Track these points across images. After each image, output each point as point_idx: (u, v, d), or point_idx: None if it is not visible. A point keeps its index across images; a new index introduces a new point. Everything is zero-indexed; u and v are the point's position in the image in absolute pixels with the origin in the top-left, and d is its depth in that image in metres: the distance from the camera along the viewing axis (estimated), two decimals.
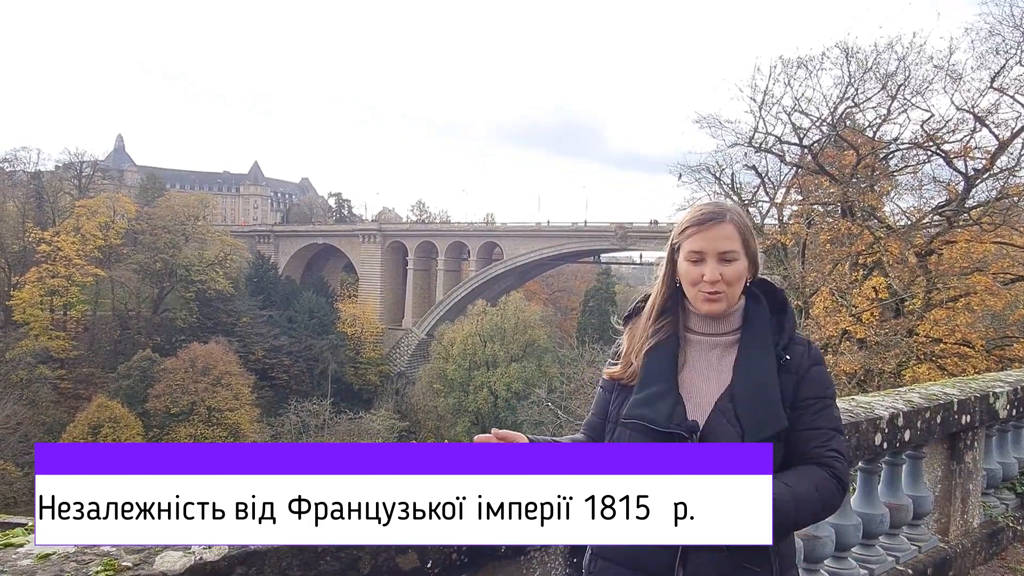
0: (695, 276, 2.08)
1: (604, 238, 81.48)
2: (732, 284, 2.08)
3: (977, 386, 5.32)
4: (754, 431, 1.98)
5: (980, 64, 18.26)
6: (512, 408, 60.06)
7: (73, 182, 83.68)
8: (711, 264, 2.06)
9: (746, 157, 21.93)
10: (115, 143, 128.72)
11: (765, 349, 2.09)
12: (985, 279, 16.74)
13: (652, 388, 2.09)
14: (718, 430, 1.99)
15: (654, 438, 2.03)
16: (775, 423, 2.02)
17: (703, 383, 2.09)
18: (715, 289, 2.06)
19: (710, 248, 2.06)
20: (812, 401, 2.09)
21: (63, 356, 67.32)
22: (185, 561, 1.68)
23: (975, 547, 5.09)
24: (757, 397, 2.02)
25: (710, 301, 2.08)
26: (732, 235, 2.07)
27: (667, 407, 2.04)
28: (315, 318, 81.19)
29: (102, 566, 1.59)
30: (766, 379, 2.05)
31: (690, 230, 2.10)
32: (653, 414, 2.04)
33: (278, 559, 1.81)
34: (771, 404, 2.03)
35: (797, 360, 2.11)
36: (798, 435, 2.07)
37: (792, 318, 2.19)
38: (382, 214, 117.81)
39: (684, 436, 1.99)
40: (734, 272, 2.07)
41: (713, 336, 2.14)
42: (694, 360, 2.13)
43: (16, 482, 47.94)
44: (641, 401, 2.09)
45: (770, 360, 2.08)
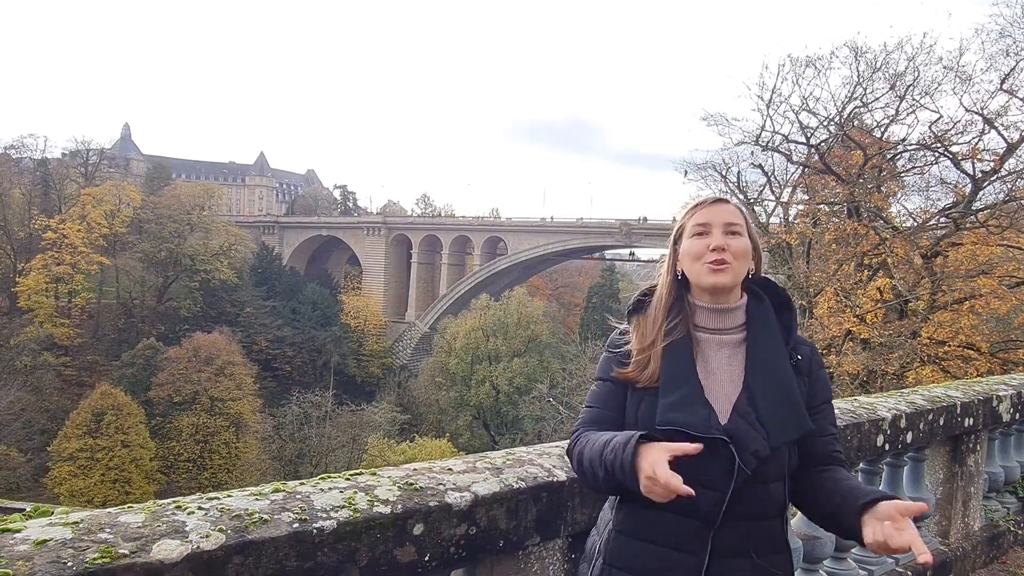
0: (700, 248, 2.06)
1: (609, 235, 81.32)
2: (738, 258, 2.05)
3: (980, 389, 5.30)
4: (778, 435, 1.96)
5: (990, 66, 18.16)
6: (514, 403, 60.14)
7: (79, 170, 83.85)
8: (717, 233, 2.05)
9: (752, 156, 21.87)
10: (121, 132, 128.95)
11: (777, 349, 2.06)
12: (991, 282, 16.66)
13: (680, 391, 2.00)
14: (743, 434, 1.94)
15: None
16: (798, 427, 1.99)
17: (718, 385, 2.03)
18: (721, 257, 2.02)
19: (715, 219, 2.07)
20: (824, 405, 2.10)
21: (67, 343, 67.62)
22: (182, 550, 1.67)
23: (976, 550, 5.07)
24: (778, 400, 1.99)
25: (716, 271, 2.03)
26: (735, 212, 2.10)
27: (702, 411, 1.97)
28: (318, 310, 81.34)
29: (99, 553, 1.58)
30: (785, 381, 2.02)
31: (695, 208, 2.12)
32: (689, 419, 1.95)
33: (275, 549, 1.81)
34: (794, 407, 2.00)
35: (807, 361, 2.10)
36: (819, 440, 2.07)
37: (795, 317, 2.18)
38: (387, 207, 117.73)
39: (726, 441, 1.92)
40: (740, 246, 2.05)
41: (719, 333, 2.10)
42: (706, 360, 2.07)
43: (19, 468, 48.19)
44: (674, 406, 1.98)
45: (785, 360, 2.05)
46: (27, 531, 1.63)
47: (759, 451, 1.93)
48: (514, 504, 2.34)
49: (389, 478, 2.25)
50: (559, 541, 2.58)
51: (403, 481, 2.23)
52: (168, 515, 1.80)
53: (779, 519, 2.04)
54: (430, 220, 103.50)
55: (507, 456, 2.64)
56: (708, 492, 1.93)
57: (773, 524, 2.02)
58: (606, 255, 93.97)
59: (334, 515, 1.95)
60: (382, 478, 2.24)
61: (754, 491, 1.95)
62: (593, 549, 2.16)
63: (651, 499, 1.84)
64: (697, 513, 1.94)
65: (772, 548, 2.00)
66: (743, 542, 1.95)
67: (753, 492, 1.95)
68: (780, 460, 1.99)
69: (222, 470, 54.82)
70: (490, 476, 2.38)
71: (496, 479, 2.37)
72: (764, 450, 1.93)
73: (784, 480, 2.02)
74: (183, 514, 1.81)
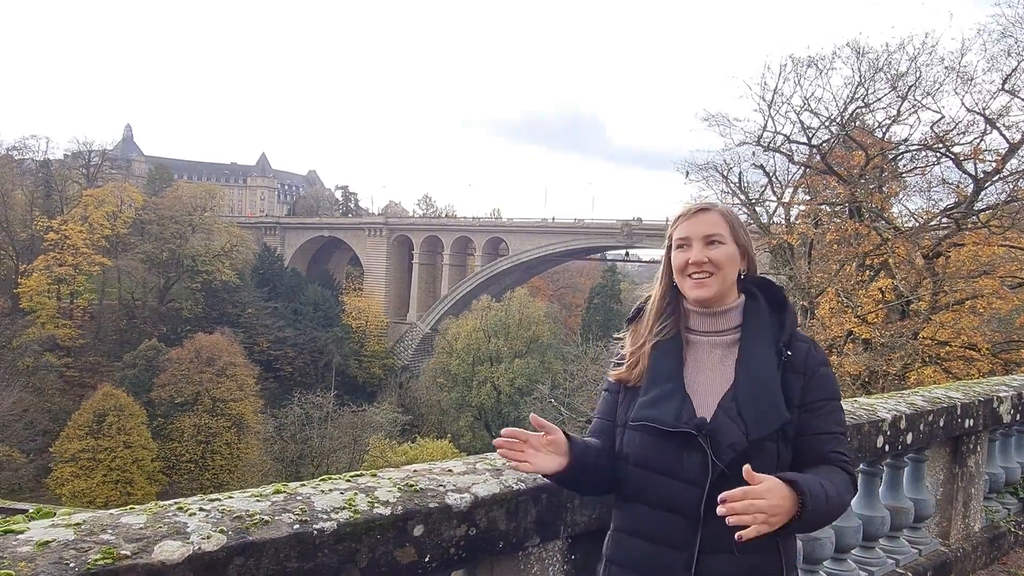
0: (681, 262, 2.11)
1: (610, 235, 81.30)
2: (721, 267, 2.08)
3: (981, 390, 5.29)
4: (757, 427, 1.97)
5: (992, 66, 18.12)
6: (515, 404, 60.19)
7: (81, 171, 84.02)
8: (696, 247, 2.09)
9: (754, 156, 21.83)
10: (123, 133, 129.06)
11: (766, 345, 2.08)
12: (992, 282, 16.64)
13: (659, 388, 2.07)
14: (723, 427, 1.97)
15: (664, 439, 2.01)
16: (776, 418, 2.00)
17: (707, 382, 2.07)
18: (701, 270, 2.07)
19: (695, 232, 2.10)
20: (823, 403, 2.08)
21: (69, 344, 67.69)
22: (184, 551, 1.68)
23: (976, 551, 5.07)
24: (758, 393, 2.01)
25: (698, 285, 2.08)
26: (717, 221, 2.12)
27: (674, 406, 2.02)
28: (320, 310, 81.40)
29: (101, 554, 1.59)
30: (766, 374, 2.04)
31: (677, 221, 2.16)
32: (660, 414, 2.02)
33: (276, 551, 1.82)
34: (772, 398, 2.01)
35: (801, 358, 2.09)
36: (812, 438, 2.06)
37: (793, 315, 2.18)
38: (388, 208, 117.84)
39: (693, 434, 1.97)
40: (722, 254, 2.08)
41: (713, 335, 2.13)
42: (698, 360, 2.11)
43: (21, 468, 48.25)
44: (648, 402, 2.06)
45: (770, 356, 2.07)
46: (30, 532, 1.64)
47: (735, 444, 1.95)
48: (514, 505, 2.35)
49: (389, 479, 2.26)
50: (559, 542, 2.59)
51: (403, 482, 2.24)
52: (170, 516, 1.81)
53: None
54: (431, 221, 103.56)
55: None
56: (689, 487, 1.97)
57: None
58: (607, 255, 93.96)
59: (335, 516, 1.96)
60: (382, 479, 2.25)
61: (738, 486, 1.90)
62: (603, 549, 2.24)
63: (638, 495, 1.95)
64: (680, 508, 1.98)
65: (757, 547, 1.89)
66: (729, 538, 1.88)
67: (737, 487, 1.91)
68: (766, 455, 1.98)
69: (224, 471, 54.88)
70: (490, 477, 2.39)
71: (496, 480, 2.37)
72: (741, 443, 1.95)
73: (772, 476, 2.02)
74: (184, 515, 1.82)
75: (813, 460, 2.05)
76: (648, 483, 2.04)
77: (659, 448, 2.03)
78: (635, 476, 2.08)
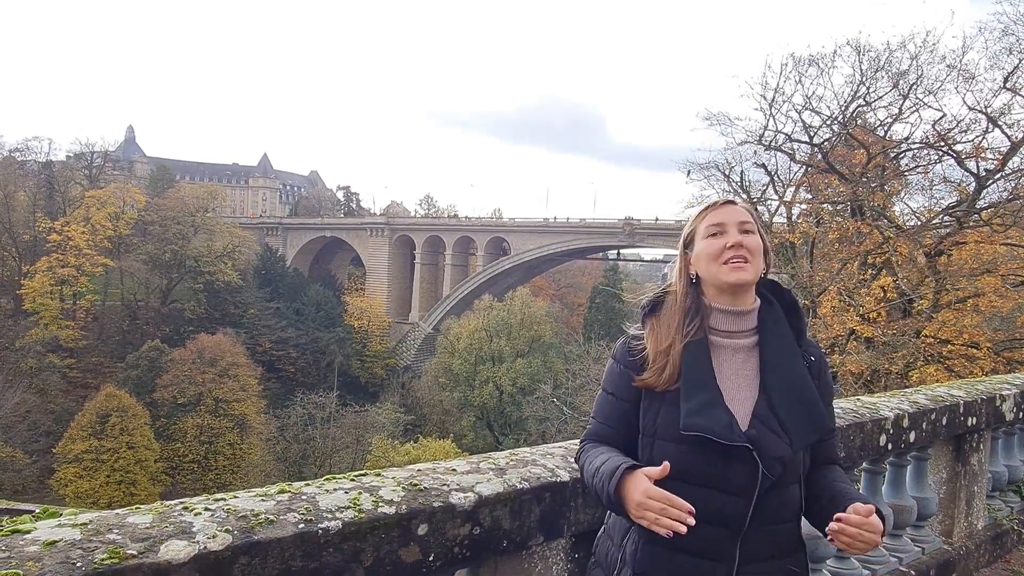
0: (717, 248, 2.06)
1: (612, 234, 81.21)
2: (755, 255, 2.06)
3: (984, 388, 5.29)
4: (800, 438, 1.96)
5: (993, 64, 18.07)
6: (517, 403, 60.12)
7: (84, 172, 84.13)
8: (733, 231, 2.06)
9: (756, 155, 21.80)
10: (126, 134, 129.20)
11: (792, 351, 2.06)
12: (994, 281, 16.61)
13: (700, 396, 1.96)
14: (766, 440, 1.93)
15: (710, 450, 1.93)
16: (820, 427, 2.00)
17: (735, 388, 2.01)
18: (739, 253, 2.03)
19: (730, 219, 2.09)
20: (830, 406, 2.13)
21: (72, 345, 67.79)
22: (190, 550, 1.69)
23: (979, 549, 5.06)
24: (797, 403, 1.99)
25: (737, 268, 2.02)
26: (746, 213, 2.13)
27: (723, 416, 1.93)
28: (322, 311, 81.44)
29: (107, 553, 1.60)
30: (801, 383, 2.02)
31: (707, 210, 2.14)
32: (712, 425, 1.92)
33: (281, 550, 1.82)
34: (813, 407, 2.00)
35: (818, 363, 2.11)
36: (827, 441, 2.11)
37: (804, 319, 2.19)
38: (390, 208, 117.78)
39: (748, 448, 1.91)
40: (755, 243, 2.06)
41: (734, 337, 2.08)
42: (723, 364, 2.05)
43: (24, 469, 48.31)
44: (696, 411, 1.94)
45: (800, 362, 2.05)
46: (37, 532, 1.65)
47: (783, 456, 1.94)
48: (517, 504, 2.35)
49: (393, 479, 2.26)
50: (562, 541, 2.59)
51: (407, 482, 2.24)
52: (175, 516, 1.82)
53: (798, 520, 2.07)
54: (433, 221, 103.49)
55: (510, 457, 2.65)
56: (733, 499, 1.93)
57: (793, 525, 2.05)
58: (609, 255, 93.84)
59: (339, 516, 1.97)
60: (386, 479, 2.26)
61: (776, 495, 1.96)
62: (612, 557, 2.12)
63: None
64: (724, 520, 1.94)
65: (793, 548, 2.04)
66: (768, 546, 1.98)
67: (775, 496, 1.96)
68: (798, 463, 2.01)
69: (227, 471, 54.91)
70: (493, 477, 2.39)
71: (499, 479, 2.38)
72: (788, 455, 1.95)
73: (800, 482, 2.04)
74: (190, 515, 1.83)
75: (823, 461, 2.10)
76: (688, 495, 1.87)
77: (705, 459, 1.94)
78: (673, 489, 1.88)
